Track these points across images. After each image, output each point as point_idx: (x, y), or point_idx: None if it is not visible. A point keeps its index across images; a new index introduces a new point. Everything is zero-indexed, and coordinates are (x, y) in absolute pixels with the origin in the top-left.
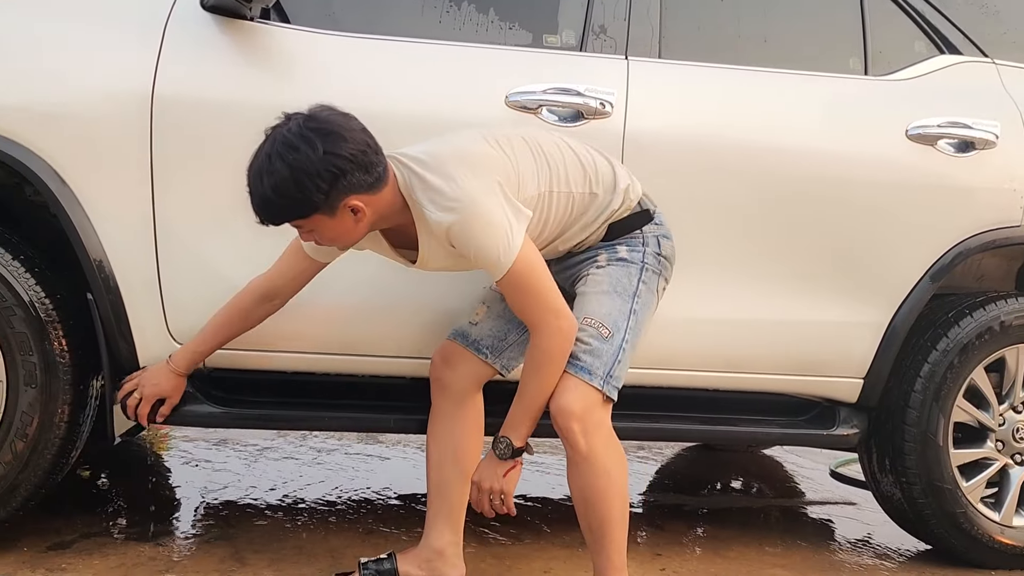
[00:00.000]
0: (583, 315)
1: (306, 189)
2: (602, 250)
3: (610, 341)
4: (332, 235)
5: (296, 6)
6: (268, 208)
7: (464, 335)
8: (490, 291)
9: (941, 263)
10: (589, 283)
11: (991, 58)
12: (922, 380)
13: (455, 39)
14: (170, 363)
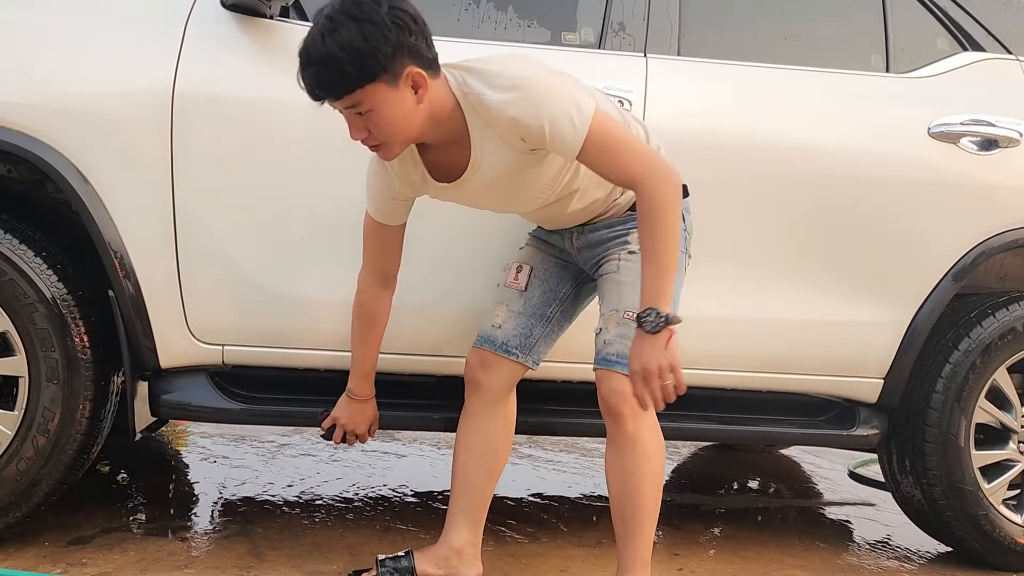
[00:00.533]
0: (623, 307)
1: (374, 40)
2: (633, 229)
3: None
4: (390, 117)
5: (316, 4)
6: (330, 70)
7: (491, 340)
8: (504, 289)
9: (963, 262)
10: (623, 271)
11: (1015, 55)
12: (943, 381)
13: (474, 37)
14: (352, 396)
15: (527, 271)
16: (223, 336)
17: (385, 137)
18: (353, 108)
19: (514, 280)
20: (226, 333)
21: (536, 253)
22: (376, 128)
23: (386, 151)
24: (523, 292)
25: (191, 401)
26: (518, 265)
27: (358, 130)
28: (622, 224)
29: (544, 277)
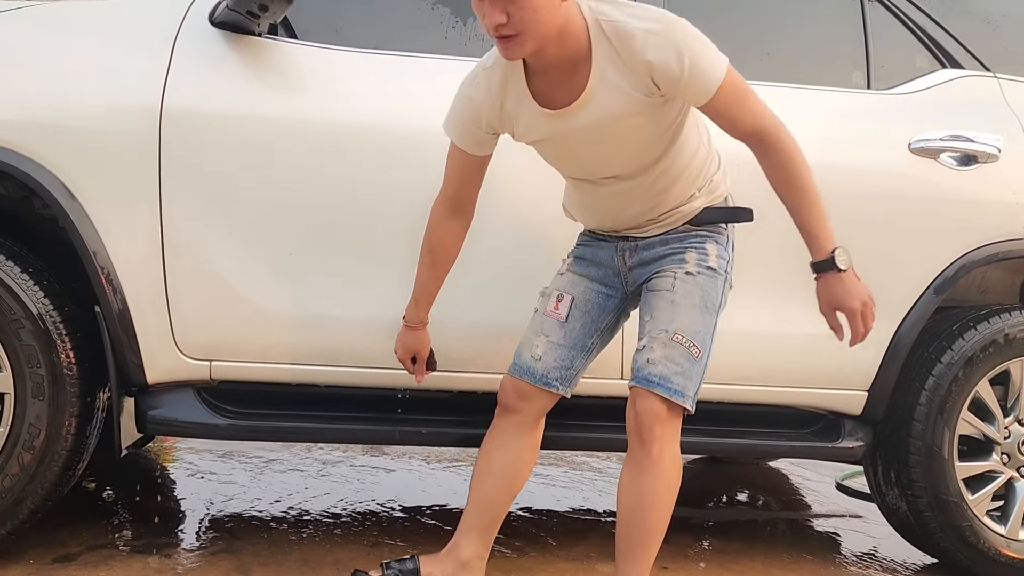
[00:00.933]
0: (675, 328)
1: None
2: (691, 247)
3: (699, 361)
4: (537, 3)
5: (304, 22)
6: None
7: (531, 372)
8: (543, 317)
9: (945, 276)
10: (679, 291)
11: (993, 72)
12: (927, 393)
13: (461, 54)
14: (407, 324)
15: (568, 301)
16: (211, 351)
17: (524, 25)
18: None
19: (554, 309)
20: (214, 348)
21: (578, 281)
22: (519, 12)
23: (517, 44)
24: (564, 323)
25: (178, 417)
26: (559, 294)
27: (498, 12)
28: (679, 241)
29: (586, 308)
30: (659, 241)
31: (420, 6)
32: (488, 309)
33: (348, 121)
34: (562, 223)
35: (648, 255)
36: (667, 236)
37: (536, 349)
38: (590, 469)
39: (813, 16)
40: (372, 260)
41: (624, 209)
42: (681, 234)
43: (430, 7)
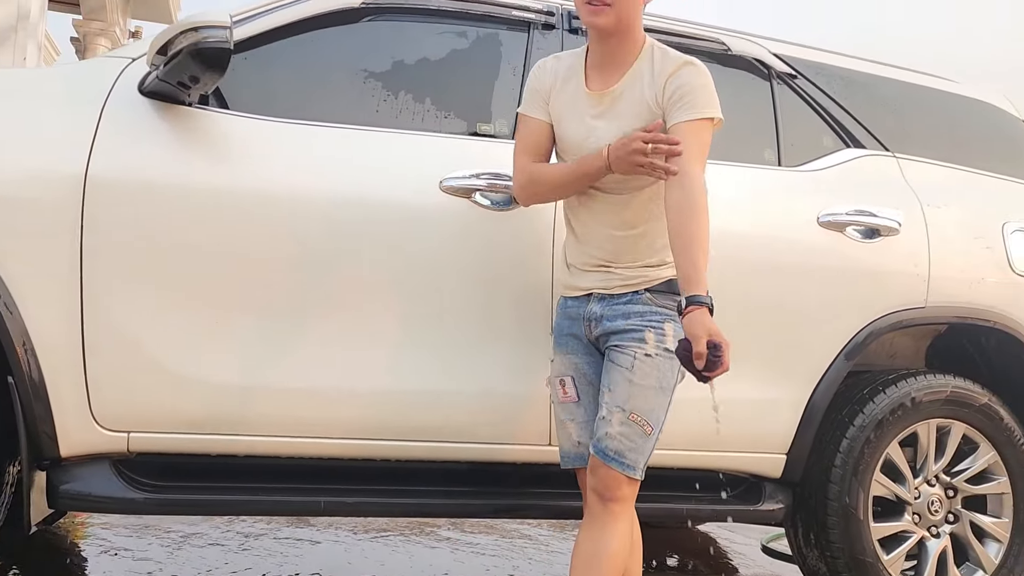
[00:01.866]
0: (631, 408)
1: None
2: (651, 327)
3: (651, 437)
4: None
5: (236, 92)
6: None
7: (581, 457)
8: (560, 406)
9: (855, 342)
10: (637, 371)
11: (892, 152)
12: (841, 455)
13: (393, 126)
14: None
15: (571, 382)
16: (129, 423)
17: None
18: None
19: (564, 395)
20: (132, 419)
21: (567, 361)
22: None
23: (607, 13)
24: (578, 402)
25: (92, 491)
26: (560, 379)
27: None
28: (640, 317)
29: (589, 380)
30: (622, 314)
31: (353, 80)
32: (415, 379)
33: (277, 190)
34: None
35: (611, 326)
36: (629, 308)
37: (572, 436)
38: (520, 536)
39: (727, 97)
40: (295, 328)
41: (608, 228)
42: (642, 309)
43: (362, 81)
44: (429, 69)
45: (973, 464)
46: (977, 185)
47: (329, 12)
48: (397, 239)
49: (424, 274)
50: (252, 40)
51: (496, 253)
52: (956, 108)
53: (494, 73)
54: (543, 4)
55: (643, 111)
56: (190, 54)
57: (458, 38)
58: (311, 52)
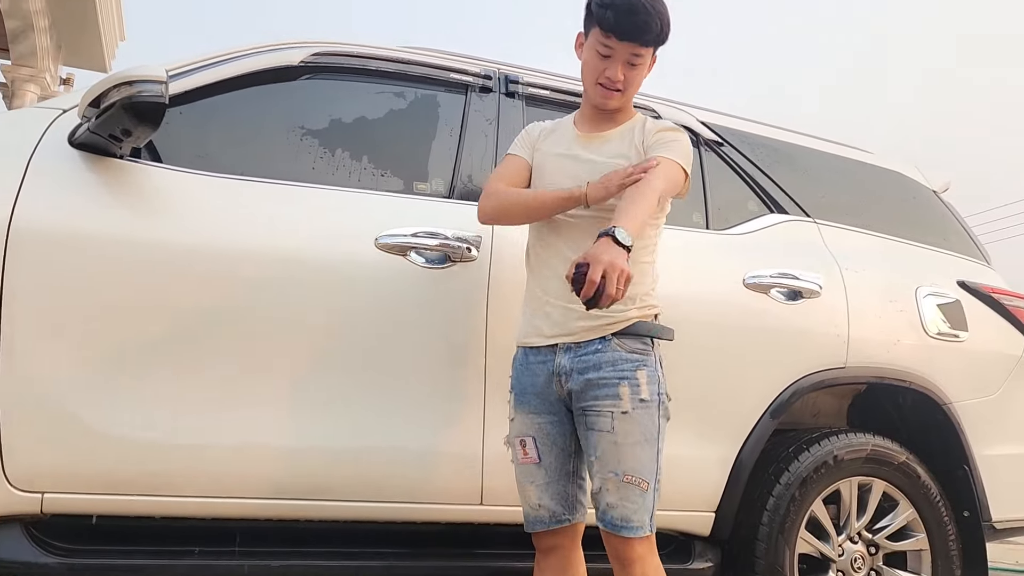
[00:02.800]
0: (623, 470)
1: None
2: (624, 380)
3: (649, 492)
4: (639, 78)
5: (169, 146)
6: (654, 23)
7: (541, 521)
8: (520, 467)
9: (780, 400)
10: (619, 431)
11: (812, 218)
12: (768, 513)
13: (329, 183)
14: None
15: (532, 442)
16: (43, 483)
17: (628, 86)
18: (636, 56)
19: (524, 456)
20: (47, 479)
21: (528, 421)
22: (633, 78)
23: (618, 97)
24: (539, 463)
25: (1, 556)
26: (520, 439)
27: (621, 72)
28: (612, 367)
29: (550, 441)
30: (592, 365)
31: (289, 136)
32: (344, 437)
33: (208, 246)
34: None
35: (583, 380)
36: (600, 358)
37: (532, 499)
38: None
39: None
40: (219, 386)
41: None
42: (612, 357)
43: (299, 137)
44: (367, 127)
45: (893, 521)
46: (891, 251)
47: (268, 69)
48: (330, 296)
49: (357, 331)
50: (188, 94)
51: (430, 311)
52: (870, 177)
53: (431, 133)
54: (481, 68)
55: (625, 154)
56: (123, 107)
57: (396, 98)
58: (248, 108)
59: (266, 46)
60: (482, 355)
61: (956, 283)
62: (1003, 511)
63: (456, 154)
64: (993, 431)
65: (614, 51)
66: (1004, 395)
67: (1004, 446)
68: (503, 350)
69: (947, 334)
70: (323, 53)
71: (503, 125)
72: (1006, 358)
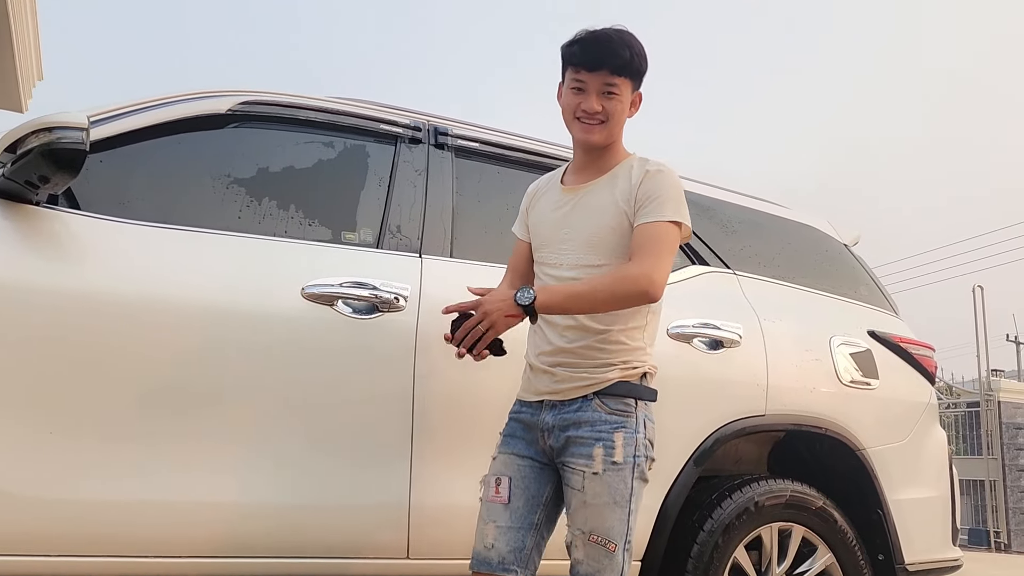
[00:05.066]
0: (589, 529)
1: (645, 57)
2: (600, 441)
3: (616, 553)
4: (623, 106)
5: (88, 193)
6: (624, 51)
7: (488, 562)
8: (487, 504)
9: (703, 448)
10: (588, 491)
11: (732, 269)
12: (692, 560)
13: (255, 232)
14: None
15: (507, 482)
16: None
17: (609, 116)
18: (610, 86)
19: (495, 494)
20: None
21: (510, 461)
22: (612, 107)
23: (599, 129)
24: (507, 505)
25: None
26: (496, 478)
27: (598, 103)
28: (591, 427)
29: (524, 485)
30: (573, 423)
31: (215, 184)
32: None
33: (127, 295)
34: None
35: (563, 437)
36: (580, 416)
37: (487, 538)
38: None
39: None
40: (141, 439)
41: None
42: (591, 418)
43: (225, 186)
44: (295, 176)
45: (812, 566)
46: (806, 301)
47: (194, 116)
48: (254, 346)
49: (281, 382)
50: (111, 140)
51: (357, 362)
52: (786, 230)
53: (360, 183)
54: (410, 119)
55: (609, 208)
56: (41, 154)
57: (326, 148)
58: (174, 155)
59: (193, 93)
60: (409, 405)
61: (867, 332)
62: (915, 554)
63: (385, 204)
64: (904, 476)
65: (587, 83)
66: (913, 441)
67: (914, 490)
68: (430, 400)
69: (859, 382)
70: (251, 102)
71: (432, 176)
72: (915, 405)
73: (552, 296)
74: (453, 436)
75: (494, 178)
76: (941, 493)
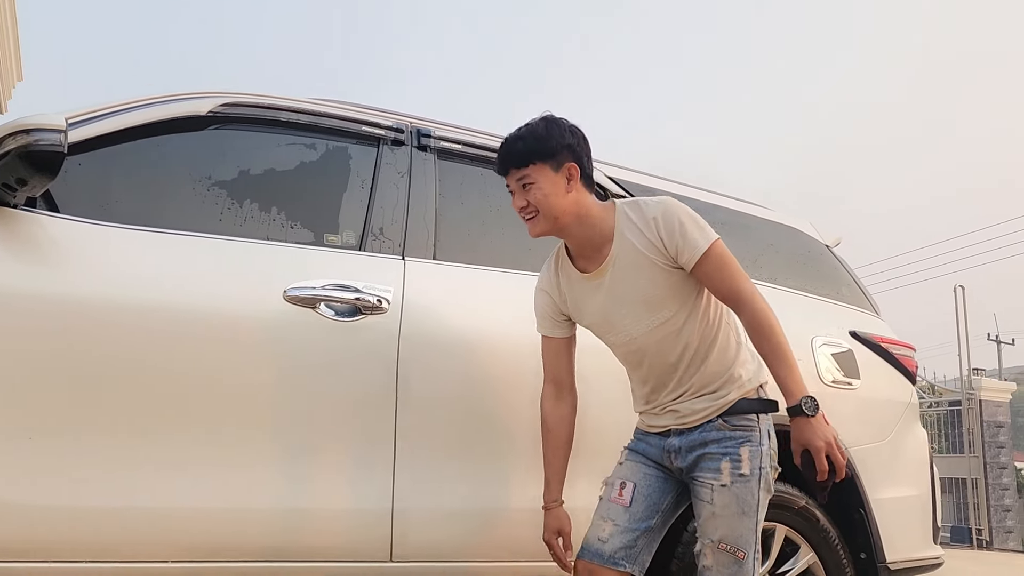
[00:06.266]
0: (718, 538)
1: (552, 134)
2: (726, 455)
3: (746, 561)
4: (545, 191)
5: (67, 195)
6: (517, 144)
7: (600, 554)
8: (608, 504)
9: None
10: (717, 502)
11: None
12: (677, 561)
13: (236, 235)
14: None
15: (631, 488)
16: None
17: (538, 206)
18: (523, 179)
19: (618, 496)
20: None
21: (637, 468)
22: (532, 197)
23: (535, 221)
24: (628, 508)
25: None
26: (622, 482)
27: (521, 199)
28: (717, 444)
29: (647, 492)
30: (700, 443)
31: (196, 187)
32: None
33: (108, 298)
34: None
35: (691, 458)
36: (705, 435)
37: (603, 532)
38: None
39: None
40: (120, 444)
41: (658, 374)
42: (717, 436)
43: (206, 188)
44: (276, 179)
45: (795, 565)
46: (788, 302)
47: (174, 118)
48: (237, 349)
49: (263, 385)
50: (90, 142)
51: (340, 364)
52: (768, 232)
53: (342, 185)
54: (393, 121)
55: (644, 265)
56: (19, 156)
57: (307, 150)
58: (153, 158)
59: (173, 95)
60: (392, 407)
61: (848, 333)
62: (896, 552)
63: (368, 206)
64: (885, 475)
65: (510, 186)
66: (895, 440)
67: (896, 489)
68: (413, 403)
69: (841, 382)
70: (232, 103)
71: (415, 178)
72: (896, 404)
73: (799, 381)
74: (436, 439)
75: (477, 180)
76: (922, 492)
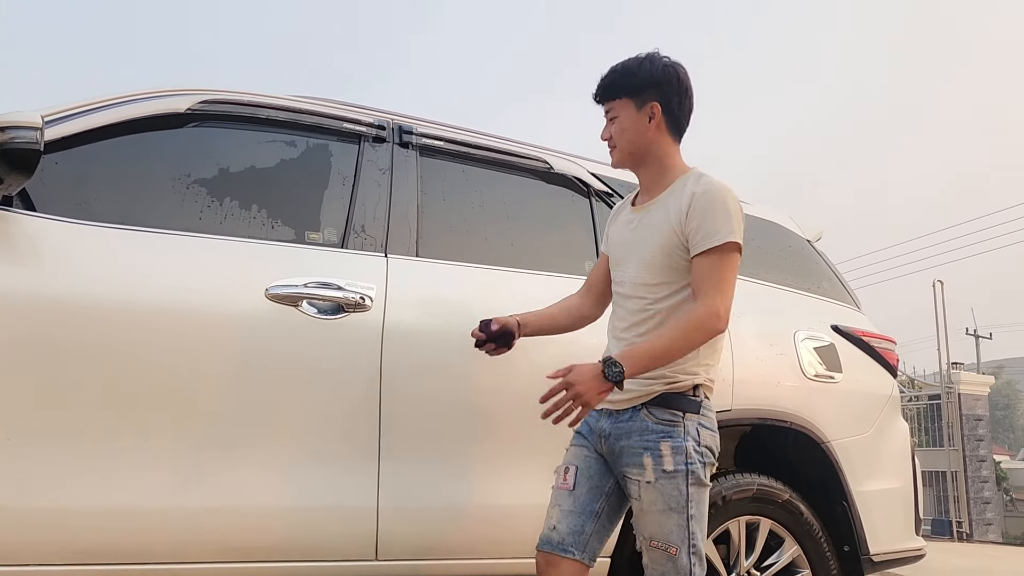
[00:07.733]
0: (649, 535)
1: (642, 71)
2: (647, 451)
3: (679, 557)
4: (624, 126)
5: (44, 194)
6: (608, 78)
7: (550, 542)
8: (555, 491)
9: None
10: (644, 499)
11: None
12: None
13: (217, 233)
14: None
15: (574, 472)
16: None
17: (617, 140)
18: (608, 112)
19: (563, 481)
20: None
21: (578, 452)
22: (615, 131)
23: (614, 153)
24: (571, 491)
25: None
26: (566, 467)
27: (607, 131)
28: (640, 435)
29: (589, 474)
30: (624, 432)
31: (175, 184)
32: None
33: (86, 298)
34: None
35: (615, 446)
36: (630, 426)
37: (552, 519)
38: None
39: (550, 212)
40: (100, 443)
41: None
42: (640, 427)
43: (186, 186)
44: (257, 176)
45: (780, 558)
46: (770, 297)
47: (152, 116)
48: (218, 348)
49: (245, 384)
50: (67, 140)
51: (323, 362)
52: (749, 226)
53: (324, 183)
54: (374, 118)
55: (663, 228)
56: None
57: (288, 147)
58: (131, 155)
59: (151, 92)
60: (376, 405)
61: (830, 327)
62: (879, 544)
63: (349, 204)
64: (867, 468)
65: (605, 116)
66: (876, 433)
67: (878, 482)
68: (397, 400)
69: (823, 376)
70: (211, 101)
71: (397, 175)
72: (878, 397)
73: (637, 363)
74: (420, 435)
75: (459, 177)
76: (904, 484)
